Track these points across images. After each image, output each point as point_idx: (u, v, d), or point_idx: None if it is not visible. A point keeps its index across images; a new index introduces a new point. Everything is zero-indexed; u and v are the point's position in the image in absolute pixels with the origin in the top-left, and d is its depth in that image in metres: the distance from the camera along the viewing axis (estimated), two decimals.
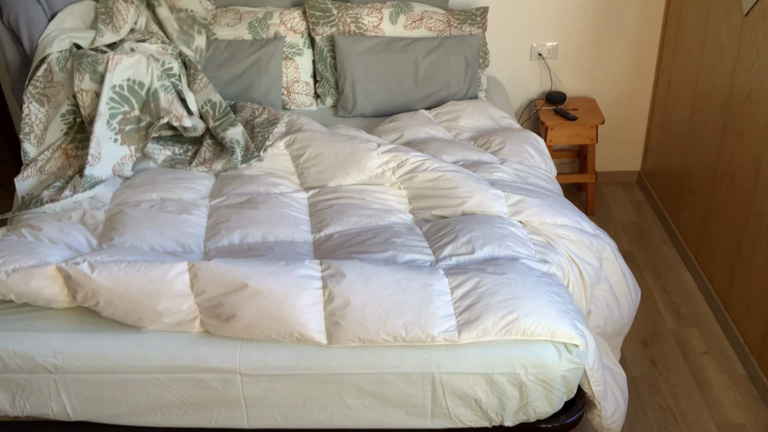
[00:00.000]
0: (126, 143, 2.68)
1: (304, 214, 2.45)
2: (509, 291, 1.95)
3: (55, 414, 2.03)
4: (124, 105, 2.69)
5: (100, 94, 2.65)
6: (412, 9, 3.30)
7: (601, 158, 3.96)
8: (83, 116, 2.71)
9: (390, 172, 2.54)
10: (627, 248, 3.46)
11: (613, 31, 3.62)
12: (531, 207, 2.34)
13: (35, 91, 2.73)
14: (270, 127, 2.86)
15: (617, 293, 2.36)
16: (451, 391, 1.94)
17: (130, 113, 2.70)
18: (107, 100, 2.64)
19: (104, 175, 2.62)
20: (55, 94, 2.75)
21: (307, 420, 2.01)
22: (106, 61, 2.67)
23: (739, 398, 2.64)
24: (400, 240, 2.21)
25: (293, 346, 1.96)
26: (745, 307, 2.77)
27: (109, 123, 2.65)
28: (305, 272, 1.97)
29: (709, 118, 3.07)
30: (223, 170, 2.74)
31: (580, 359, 1.92)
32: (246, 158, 2.74)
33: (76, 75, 2.68)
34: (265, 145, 2.78)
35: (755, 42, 2.67)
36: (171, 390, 1.98)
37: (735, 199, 2.83)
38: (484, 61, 3.40)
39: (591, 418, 2.10)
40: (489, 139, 2.86)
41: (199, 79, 2.99)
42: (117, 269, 1.96)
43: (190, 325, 2.00)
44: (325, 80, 3.32)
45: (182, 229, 2.34)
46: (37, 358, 1.97)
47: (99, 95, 2.65)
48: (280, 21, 3.29)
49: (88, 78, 2.66)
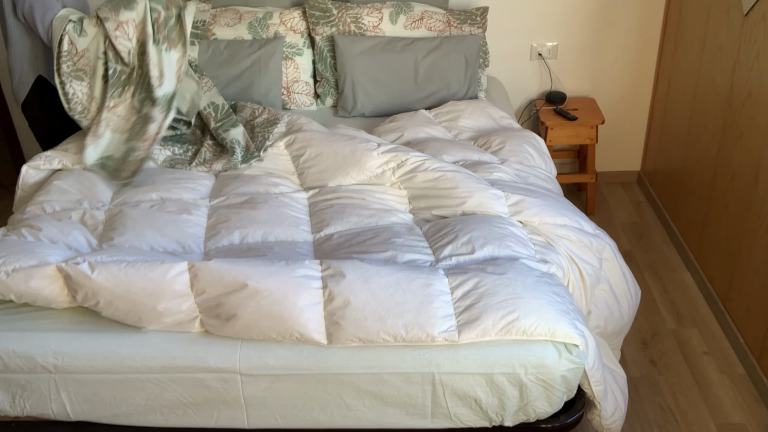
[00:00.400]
0: (172, 47, 2.74)
1: (304, 214, 2.45)
2: (509, 291, 1.95)
3: (55, 414, 2.03)
4: (156, 10, 2.74)
5: (138, 20, 2.69)
6: (412, 9, 3.30)
7: (601, 158, 3.96)
8: (130, 53, 2.73)
9: (390, 172, 2.54)
10: (627, 248, 3.46)
11: (613, 31, 3.62)
12: (531, 207, 2.34)
13: (69, 70, 2.74)
14: (270, 127, 2.86)
15: (617, 293, 2.36)
16: (451, 391, 1.94)
17: (159, 16, 2.73)
18: (148, 14, 2.70)
19: (172, 87, 2.71)
20: (86, 64, 2.77)
21: (307, 420, 2.01)
22: None
23: (739, 398, 2.64)
24: (400, 240, 2.21)
25: (293, 346, 1.96)
26: (745, 307, 2.77)
27: (155, 39, 2.70)
28: (305, 272, 1.97)
29: (709, 118, 3.07)
30: (223, 170, 2.74)
31: (580, 359, 1.92)
32: (246, 158, 2.74)
33: (111, 15, 2.70)
34: (266, 145, 2.78)
35: (755, 42, 2.67)
36: (171, 390, 1.98)
37: (735, 199, 2.83)
38: (484, 61, 3.40)
39: (591, 418, 2.10)
40: (489, 139, 2.86)
41: (204, 82, 3.00)
42: (117, 269, 1.96)
43: (190, 325, 2.00)
44: (325, 80, 3.32)
45: (182, 229, 2.34)
46: (37, 358, 1.97)
47: (141, 22, 2.70)
48: (280, 21, 3.29)
49: (122, 9, 2.70)
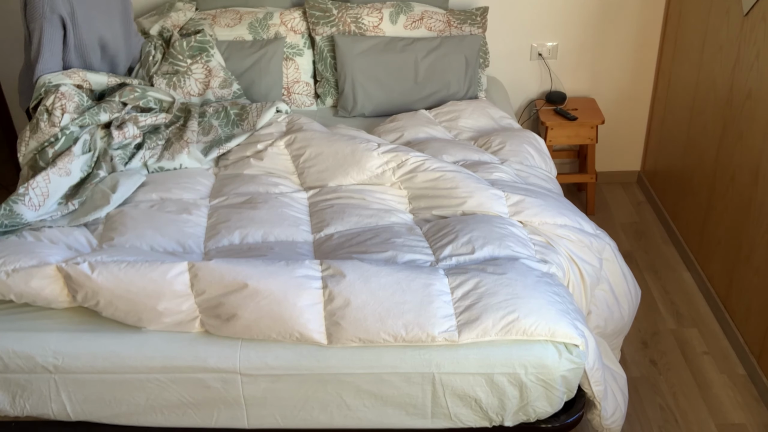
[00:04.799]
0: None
1: (304, 214, 2.45)
2: (509, 291, 1.95)
3: (55, 414, 2.03)
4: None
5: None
6: (412, 9, 3.30)
7: (601, 158, 3.96)
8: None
9: (390, 172, 2.54)
10: (627, 248, 3.46)
11: (613, 31, 3.62)
12: (531, 207, 2.34)
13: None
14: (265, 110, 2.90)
15: (617, 293, 2.36)
16: (451, 391, 1.94)
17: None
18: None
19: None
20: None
21: (307, 420, 2.01)
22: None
23: (739, 398, 2.64)
24: (400, 240, 2.21)
25: (293, 346, 1.96)
26: (745, 307, 2.77)
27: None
28: (305, 272, 1.97)
29: (709, 118, 3.07)
30: (212, 145, 2.80)
31: (580, 359, 1.92)
32: (230, 134, 2.83)
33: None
34: (259, 122, 2.85)
35: (755, 42, 2.67)
36: (171, 390, 1.98)
37: (735, 199, 2.83)
38: (484, 61, 3.40)
39: (591, 418, 2.10)
40: (489, 139, 2.86)
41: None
42: (117, 269, 1.96)
43: (190, 325, 2.00)
44: (326, 80, 3.32)
45: (182, 229, 2.34)
46: (37, 358, 1.97)
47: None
48: (281, 21, 3.29)
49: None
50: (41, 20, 2.61)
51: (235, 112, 2.94)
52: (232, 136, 2.84)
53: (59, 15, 2.63)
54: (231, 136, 2.84)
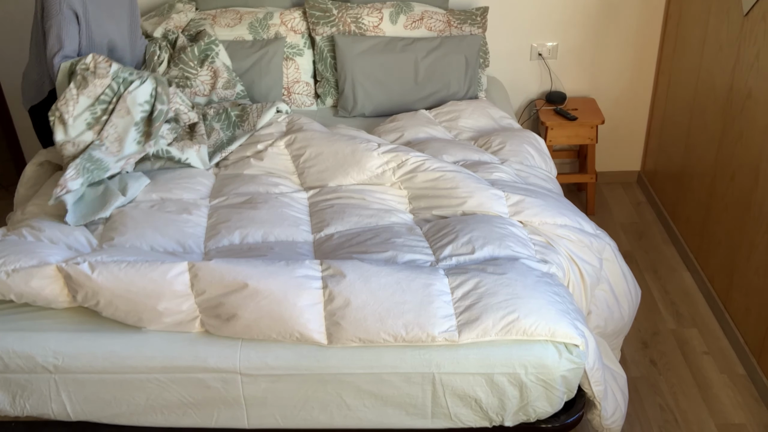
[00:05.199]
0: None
1: (305, 214, 2.45)
2: (509, 291, 1.95)
3: (55, 414, 2.03)
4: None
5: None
6: (412, 9, 3.30)
7: (601, 158, 3.96)
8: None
9: (390, 172, 2.54)
10: (627, 248, 3.46)
11: (613, 31, 3.62)
12: (531, 207, 2.34)
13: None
14: (265, 111, 2.90)
15: (617, 293, 2.36)
16: (452, 391, 1.94)
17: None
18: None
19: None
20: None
21: (307, 420, 2.01)
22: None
23: (739, 398, 2.64)
24: (401, 240, 2.21)
25: (293, 346, 1.96)
26: (745, 307, 2.77)
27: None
28: (305, 272, 1.97)
29: (709, 118, 3.07)
30: (216, 150, 2.81)
31: (580, 359, 1.92)
32: (232, 136, 2.83)
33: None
34: (259, 122, 2.85)
35: (755, 42, 2.67)
36: (171, 390, 1.98)
37: (735, 199, 2.83)
38: (484, 61, 3.40)
39: (591, 418, 2.10)
40: (489, 139, 2.86)
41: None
42: (117, 269, 1.96)
43: (191, 325, 2.00)
44: (326, 80, 3.32)
45: (182, 229, 2.34)
46: (37, 358, 1.97)
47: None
48: (281, 21, 3.29)
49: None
50: (59, 16, 2.63)
51: (235, 114, 2.94)
52: (234, 138, 2.85)
53: (74, 11, 2.65)
54: (232, 139, 2.84)
